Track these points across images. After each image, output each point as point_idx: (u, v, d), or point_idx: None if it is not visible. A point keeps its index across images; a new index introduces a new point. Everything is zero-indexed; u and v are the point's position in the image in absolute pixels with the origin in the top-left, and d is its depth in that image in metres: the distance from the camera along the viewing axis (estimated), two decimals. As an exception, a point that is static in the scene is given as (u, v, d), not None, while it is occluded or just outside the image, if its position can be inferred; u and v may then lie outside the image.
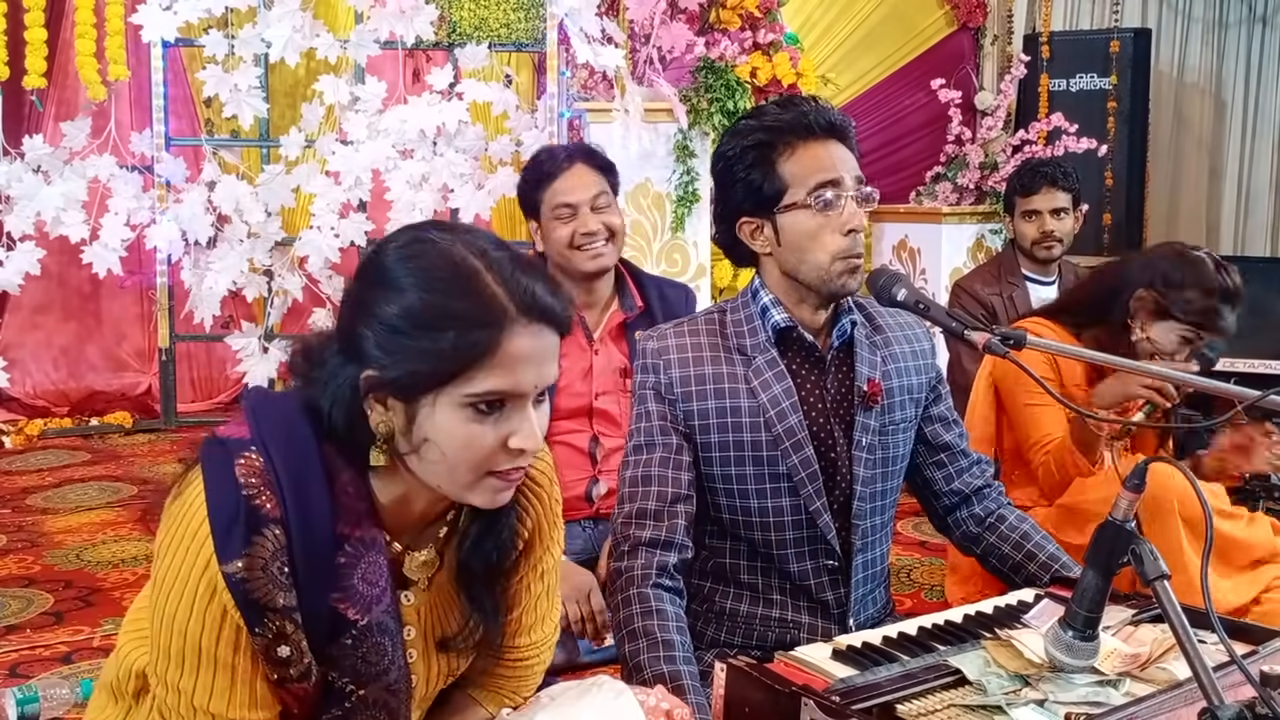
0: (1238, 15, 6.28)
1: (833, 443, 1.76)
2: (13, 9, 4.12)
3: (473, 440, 1.13)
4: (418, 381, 1.11)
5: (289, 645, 1.14)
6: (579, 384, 2.54)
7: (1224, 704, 1.04)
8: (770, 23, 4.56)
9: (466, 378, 1.10)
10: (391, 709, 1.25)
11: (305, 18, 3.99)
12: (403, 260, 1.14)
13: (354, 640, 1.19)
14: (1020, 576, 1.82)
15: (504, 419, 1.13)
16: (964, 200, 5.27)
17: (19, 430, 4.79)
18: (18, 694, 2.12)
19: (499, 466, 1.15)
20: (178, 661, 1.14)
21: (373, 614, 1.20)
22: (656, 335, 1.80)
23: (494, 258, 1.14)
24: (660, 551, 1.70)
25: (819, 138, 1.70)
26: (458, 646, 1.32)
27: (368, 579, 1.19)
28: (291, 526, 1.12)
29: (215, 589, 1.10)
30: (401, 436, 1.15)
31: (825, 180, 1.68)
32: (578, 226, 2.47)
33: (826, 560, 1.76)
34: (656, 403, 1.76)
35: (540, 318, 1.14)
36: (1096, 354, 1.88)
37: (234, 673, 1.14)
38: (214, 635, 1.12)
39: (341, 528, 1.16)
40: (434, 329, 1.10)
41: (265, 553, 1.11)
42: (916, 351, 1.86)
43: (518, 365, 1.12)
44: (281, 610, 1.13)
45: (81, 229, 4.09)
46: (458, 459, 1.14)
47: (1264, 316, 4.56)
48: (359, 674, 1.20)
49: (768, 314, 1.77)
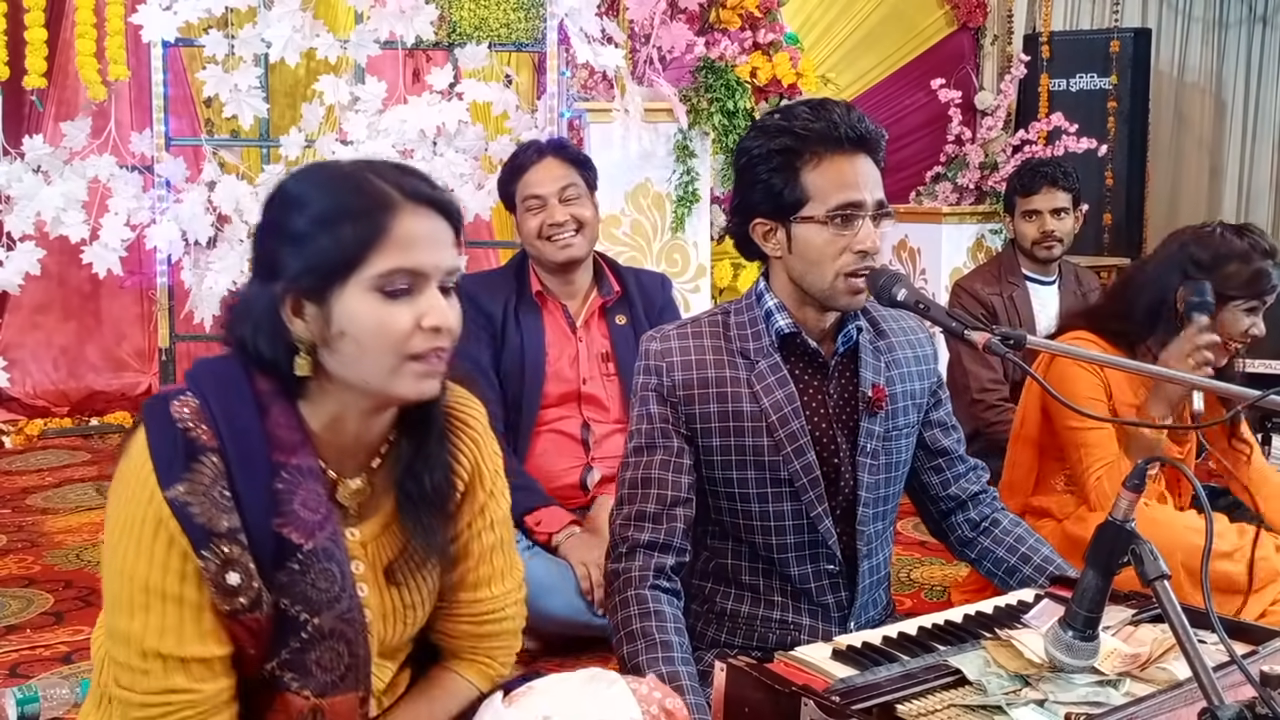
0: (1238, 15, 6.28)
1: (835, 448, 1.75)
2: (13, 9, 4.11)
3: (385, 322, 1.21)
4: (325, 275, 1.21)
5: (237, 571, 1.20)
6: (567, 370, 2.63)
7: (1224, 704, 1.04)
8: (770, 23, 4.55)
9: (367, 262, 1.20)
10: (349, 640, 1.28)
11: (305, 18, 3.99)
12: (299, 180, 1.27)
13: (301, 565, 1.24)
14: (1015, 580, 1.83)
15: (413, 301, 1.23)
16: (964, 200, 5.27)
17: (19, 430, 4.79)
18: (18, 694, 2.12)
19: (416, 349, 1.23)
20: (127, 607, 1.20)
21: (316, 539, 1.25)
22: (660, 337, 1.79)
23: (377, 164, 1.28)
24: (658, 554, 1.70)
25: (846, 151, 1.67)
26: (403, 575, 1.35)
27: (307, 505, 1.25)
28: (228, 454, 1.20)
29: (161, 519, 1.18)
30: (322, 342, 1.23)
31: (846, 202, 1.66)
32: (546, 218, 2.57)
33: (827, 565, 1.76)
34: (658, 405, 1.75)
35: (425, 202, 1.25)
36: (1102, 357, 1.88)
37: (182, 606, 1.19)
38: (161, 569, 1.18)
39: (276, 455, 1.23)
40: (333, 224, 1.21)
41: (205, 478, 1.19)
42: (919, 357, 1.86)
43: (412, 244, 1.22)
44: (226, 534, 1.19)
45: (81, 229, 4.08)
46: (374, 344, 1.21)
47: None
48: (311, 601, 1.25)
49: (772, 318, 1.76)
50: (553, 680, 1.34)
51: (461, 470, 1.41)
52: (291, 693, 1.27)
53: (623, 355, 2.63)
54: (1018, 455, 2.47)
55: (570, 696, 1.30)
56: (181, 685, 1.21)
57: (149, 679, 1.20)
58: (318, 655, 1.26)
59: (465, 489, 1.42)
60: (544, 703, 1.29)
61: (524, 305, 2.64)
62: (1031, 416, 2.45)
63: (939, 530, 1.94)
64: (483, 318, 2.59)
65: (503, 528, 1.47)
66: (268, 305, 1.23)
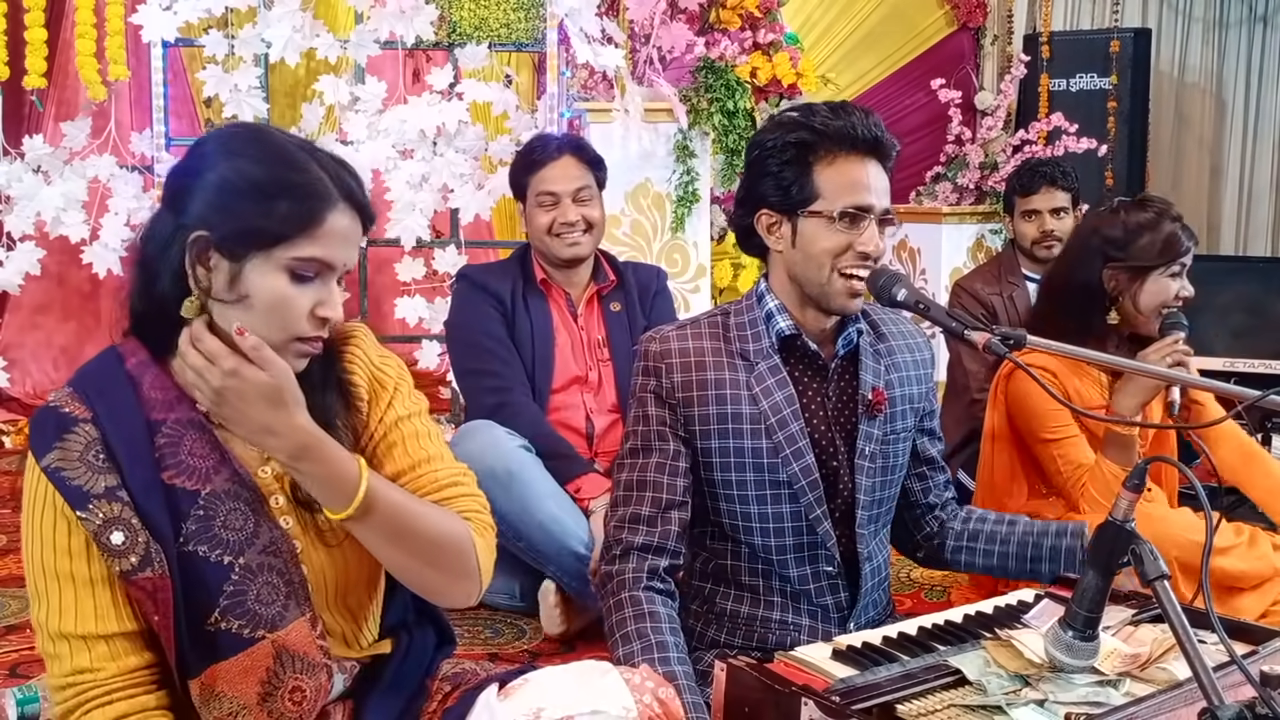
0: (1238, 15, 6.28)
1: (834, 451, 1.75)
2: (13, 9, 4.11)
3: (288, 301, 1.27)
4: (249, 240, 1.26)
5: (120, 529, 1.25)
6: (571, 355, 2.72)
7: (1224, 704, 1.04)
8: (770, 23, 4.55)
9: (292, 243, 1.27)
10: (280, 570, 1.31)
11: (305, 18, 3.99)
12: (238, 137, 1.32)
13: (204, 510, 1.29)
14: (1008, 549, 1.86)
15: (314, 289, 1.29)
16: (964, 200, 5.27)
17: (19, 430, 4.79)
18: (18, 694, 2.12)
19: (305, 333, 1.30)
20: (35, 595, 1.27)
21: (214, 483, 1.30)
22: (659, 338, 1.78)
23: (320, 153, 1.33)
24: (652, 556, 1.70)
25: (860, 153, 1.68)
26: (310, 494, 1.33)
27: (195, 453, 1.30)
28: (101, 421, 1.27)
29: (45, 490, 1.25)
30: (221, 293, 1.27)
31: (856, 204, 1.67)
32: (558, 215, 2.65)
33: (826, 566, 1.76)
34: (656, 407, 1.75)
35: (354, 204, 1.32)
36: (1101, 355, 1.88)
37: (75, 582, 1.25)
38: (53, 548, 1.25)
39: (154, 415, 1.29)
40: (270, 196, 1.26)
41: (78, 445, 1.26)
42: (918, 361, 1.86)
43: (334, 240, 1.29)
44: (104, 493, 1.25)
45: (81, 229, 4.08)
46: (270, 318, 1.27)
47: (1264, 316, 4.56)
48: (227, 543, 1.30)
49: (772, 320, 1.75)
50: (547, 672, 1.35)
51: (358, 380, 1.43)
52: (246, 641, 1.29)
53: (617, 341, 2.72)
54: (994, 457, 2.48)
55: (564, 687, 1.30)
56: (84, 665, 1.25)
57: (60, 662, 1.26)
58: (255, 592, 1.30)
59: (369, 395, 1.44)
60: (538, 694, 1.29)
61: (530, 291, 2.73)
62: (1001, 419, 2.46)
63: (906, 535, 1.97)
64: (493, 299, 2.66)
65: (420, 421, 1.46)
66: (175, 242, 1.27)
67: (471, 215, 4.13)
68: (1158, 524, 2.17)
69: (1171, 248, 2.28)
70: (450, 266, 4.19)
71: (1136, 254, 2.29)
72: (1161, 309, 2.29)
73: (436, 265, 4.22)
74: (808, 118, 1.70)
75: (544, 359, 2.66)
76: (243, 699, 1.30)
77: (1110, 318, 2.34)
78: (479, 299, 2.72)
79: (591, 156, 2.75)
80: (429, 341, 4.22)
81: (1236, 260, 5.88)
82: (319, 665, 1.34)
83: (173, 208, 1.30)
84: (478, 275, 2.81)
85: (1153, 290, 2.29)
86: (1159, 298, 2.29)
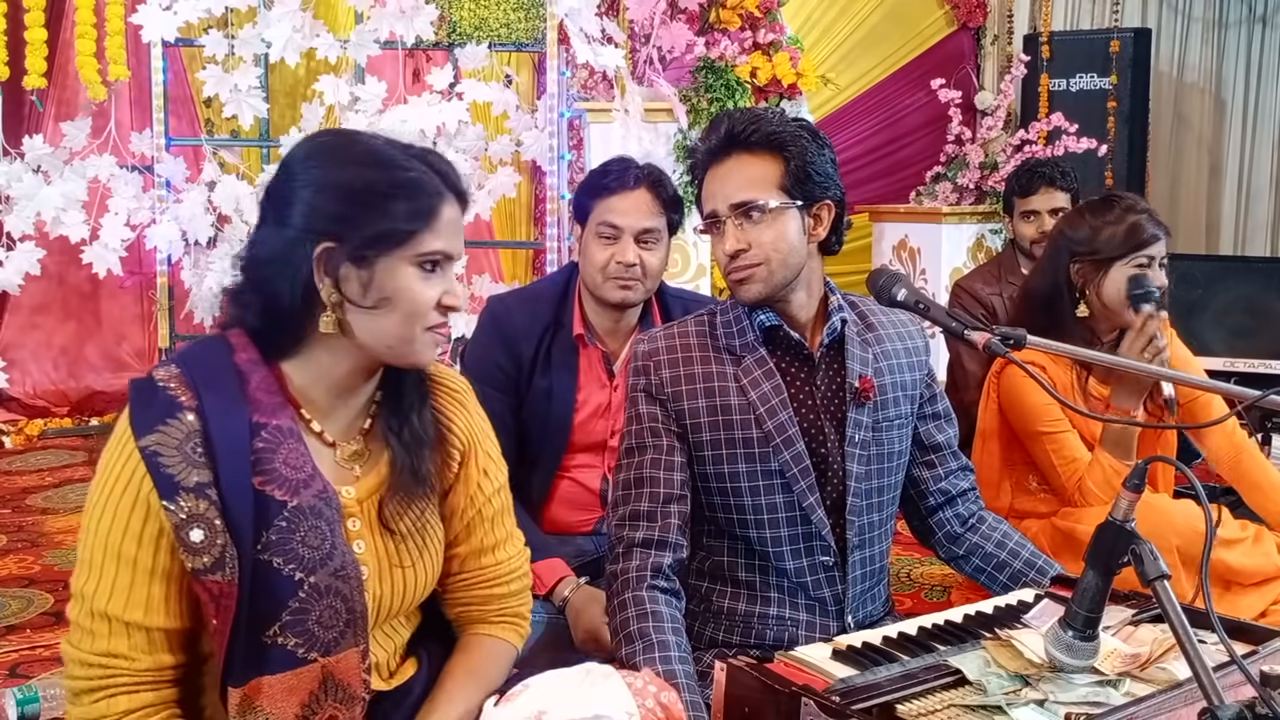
0: (1238, 15, 6.28)
1: (823, 439, 1.76)
2: (13, 9, 4.11)
3: (421, 295, 1.32)
4: (379, 244, 1.29)
5: (201, 527, 1.22)
6: (595, 423, 2.38)
7: (1224, 704, 1.04)
8: (770, 23, 4.55)
9: (417, 239, 1.30)
10: (345, 596, 1.31)
11: (305, 18, 3.99)
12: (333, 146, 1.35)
13: (289, 522, 1.27)
14: (1004, 575, 1.85)
15: (440, 280, 1.34)
16: (964, 200, 5.27)
17: (19, 430, 4.79)
18: (18, 694, 2.12)
19: (433, 322, 1.34)
20: (87, 565, 1.24)
21: (302, 497, 1.29)
22: (648, 338, 1.83)
23: (412, 148, 1.35)
24: (655, 552, 1.70)
25: (718, 159, 1.77)
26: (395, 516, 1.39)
27: (290, 463, 1.29)
28: (205, 413, 1.25)
29: (134, 470, 1.22)
30: (357, 300, 1.30)
31: (706, 214, 1.78)
32: (616, 253, 2.27)
33: (822, 557, 1.76)
34: (647, 405, 1.78)
35: (458, 193, 1.36)
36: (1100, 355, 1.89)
37: (135, 569, 1.23)
38: (122, 529, 1.23)
39: (257, 417, 1.28)
40: (387, 197, 1.29)
41: (179, 433, 1.24)
42: (910, 349, 1.87)
43: (450, 230, 1.34)
44: (195, 488, 1.22)
45: (81, 229, 4.08)
46: (407, 313, 1.31)
47: (1264, 316, 4.56)
48: (302, 559, 1.28)
49: (755, 313, 1.78)
50: (547, 676, 1.34)
51: (457, 432, 1.48)
52: (298, 660, 1.29)
53: None
54: (983, 454, 2.49)
55: (565, 691, 1.30)
56: (121, 651, 1.23)
57: (94, 640, 1.23)
58: (317, 614, 1.29)
59: (463, 455, 1.48)
60: (539, 698, 1.29)
61: (559, 346, 2.36)
62: (992, 417, 2.47)
63: (924, 527, 1.95)
64: (508, 356, 2.35)
65: (501, 497, 1.54)
66: (297, 258, 1.28)
67: (471, 215, 4.13)
68: (1159, 513, 2.17)
69: (1133, 237, 2.29)
70: (450, 266, 4.18)
71: (1099, 246, 2.31)
72: (1128, 298, 2.30)
73: (436, 265, 4.22)
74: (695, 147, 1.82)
75: (560, 424, 2.34)
76: (279, 716, 1.28)
77: (1079, 310, 2.36)
78: (491, 358, 2.36)
79: (670, 195, 2.34)
80: (429, 341, 4.21)
81: (1236, 260, 5.89)
82: (357, 699, 1.34)
83: (281, 223, 1.30)
84: (504, 317, 2.40)
85: (1114, 282, 2.31)
86: (1121, 290, 2.31)
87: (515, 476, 2.34)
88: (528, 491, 2.37)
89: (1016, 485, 2.49)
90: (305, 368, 1.34)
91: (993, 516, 1.93)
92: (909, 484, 1.91)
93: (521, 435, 2.36)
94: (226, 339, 1.32)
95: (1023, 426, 2.39)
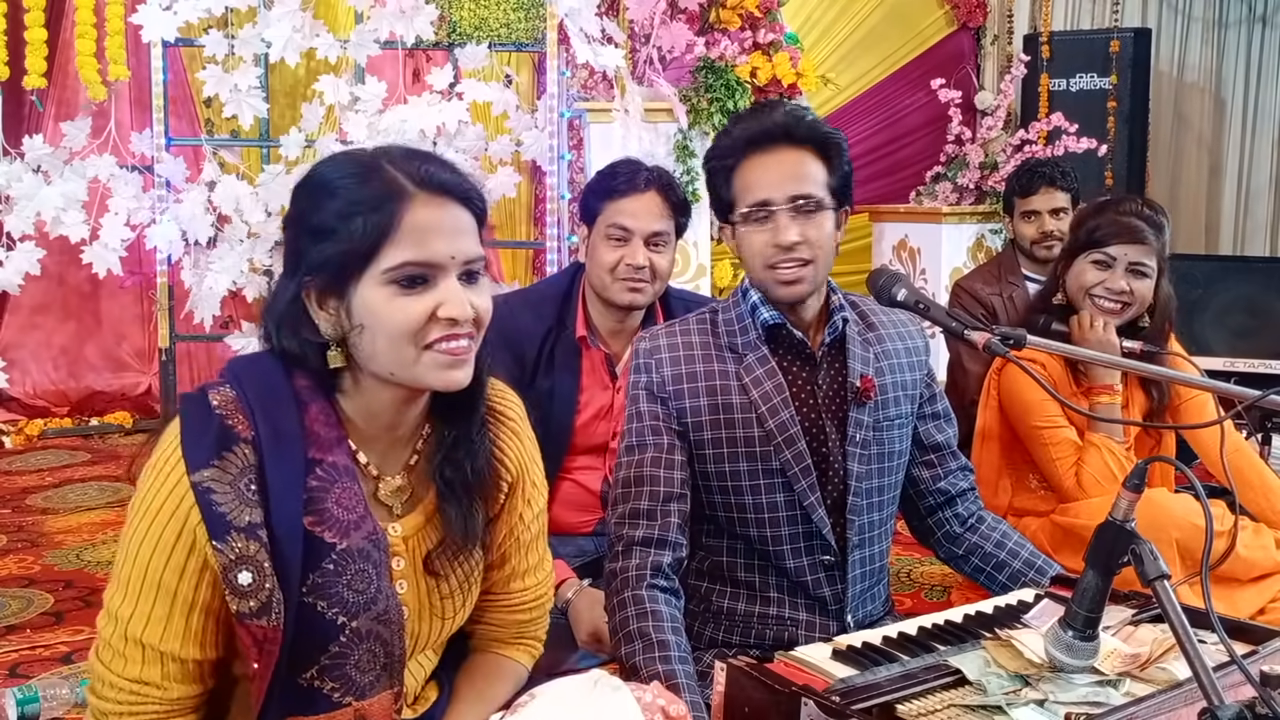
0: (1238, 15, 6.28)
1: (825, 438, 1.76)
2: (13, 9, 4.12)
3: (399, 314, 1.20)
4: (340, 269, 1.20)
5: (250, 569, 1.16)
6: (597, 425, 2.39)
7: (1224, 704, 1.04)
8: (770, 23, 4.56)
9: (380, 255, 1.20)
10: (385, 640, 1.28)
11: (305, 18, 3.99)
12: (319, 171, 1.26)
13: (336, 565, 1.22)
14: (1003, 575, 1.85)
15: (429, 293, 1.22)
16: (964, 200, 5.27)
17: (19, 430, 4.79)
18: (18, 694, 2.12)
19: (432, 337, 1.22)
20: (124, 588, 1.19)
21: (351, 539, 1.24)
22: (649, 336, 1.82)
23: (392, 151, 1.25)
24: (654, 550, 1.70)
25: (765, 149, 1.73)
26: (442, 565, 1.35)
27: (342, 504, 1.24)
28: (263, 447, 1.18)
29: (182, 502, 1.16)
30: (350, 335, 1.22)
31: (754, 201, 1.73)
32: (626, 255, 2.28)
33: (823, 556, 1.76)
34: (649, 403, 1.77)
35: (438, 190, 1.23)
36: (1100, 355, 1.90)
37: (174, 601, 1.18)
38: (164, 558, 1.17)
39: (313, 453, 1.22)
40: (348, 218, 1.20)
41: (234, 468, 1.17)
42: (910, 348, 1.87)
43: (425, 236, 1.20)
44: (246, 528, 1.16)
45: (81, 229, 4.09)
46: (393, 335, 1.21)
47: (1264, 316, 4.56)
48: (347, 603, 1.23)
49: (757, 311, 1.78)
50: (555, 686, 1.33)
51: (508, 464, 1.42)
52: (332, 704, 1.25)
53: None
54: (983, 454, 2.51)
55: (572, 703, 1.29)
56: (154, 680, 1.19)
57: (127, 665, 1.19)
58: (356, 658, 1.25)
59: (511, 486, 1.43)
60: (546, 710, 1.28)
61: (562, 347, 2.36)
62: (993, 416, 2.50)
63: (923, 527, 1.95)
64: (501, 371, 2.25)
65: (538, 522, 1.51)
66: (291, 298, 1.23)
67: (473, 214, 4.13)
68: (1158, 507, 2.17)
69: (1093, 234, 2.36)
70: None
71: (1076, 237, 2.42)
72: (1085, 295, 2.37)
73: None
74: (730, 126, 1.78)
75: (561, 426, 2.34)
76: None
77: (1056, 298, 2.44)
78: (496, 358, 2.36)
79: (679, 199, 2.36)
80: (429, 341, 4.21)
81: (1236, 260, 5.89)
82: None
83: (286, 269, 1.27)
84: (507, 318, 2.34)
85: (1075, 273, 2.39)
86: (1077, 280, 2.38)
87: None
88: None
89: (1017, 484, 2.51)
90: (350, 400, 1.28)
91: (992, 516, 1.93)
92: (908, 484, 1.91)
93: None
94: (283, 360, 1.26)
95: (1022, 422, 2.42)
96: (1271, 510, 2.37)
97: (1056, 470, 2.36)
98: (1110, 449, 2.32)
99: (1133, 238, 2.32)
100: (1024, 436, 2.43)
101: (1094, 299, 2.35)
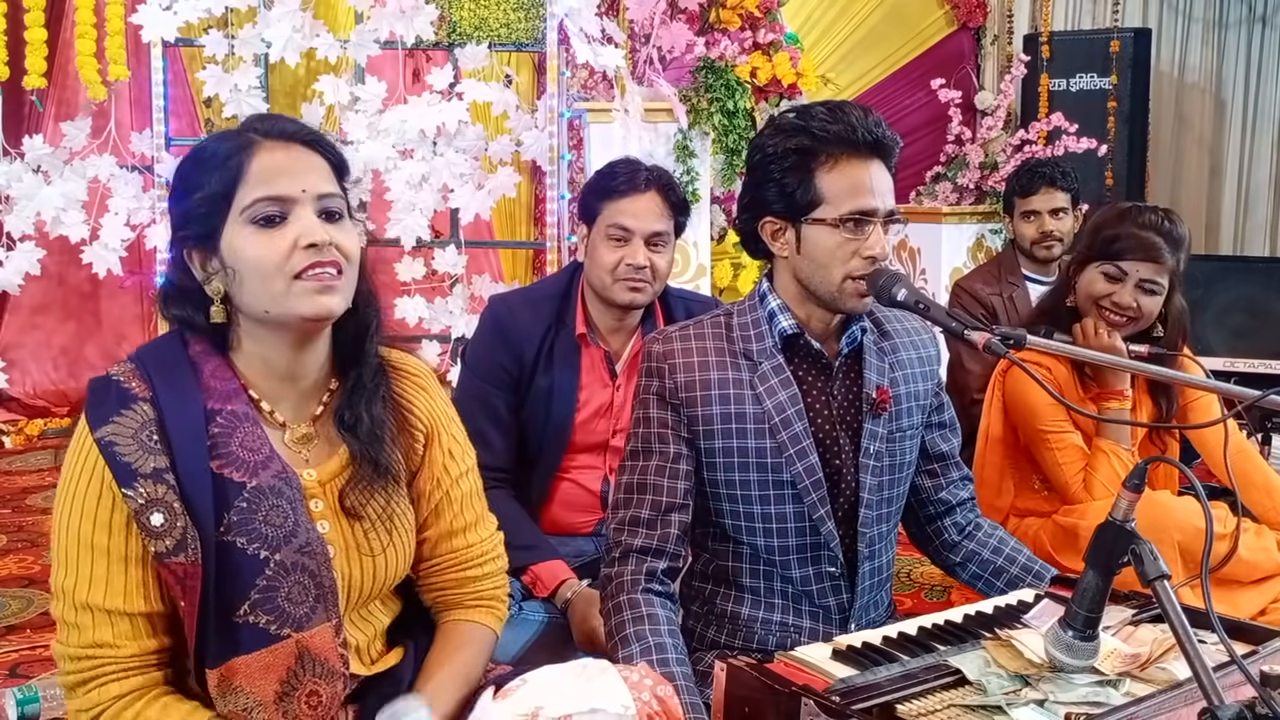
0: (1238, 15, 6.28)
1: (838, 450, 1.75)
2: (13, 9, 4.11)
3: (264, 249, 1.31)
4: (206, 219, 1.32)
5: (161, 511, 1.26)
6: (597, 422, 2.38)
7: (1224, 704, 1.04)
8: (770, 23, 4.56)
9: (235, 199, 1.31)
10: (312, 572, 1.34)
11: (305, 18, 3.98)
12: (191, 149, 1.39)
13: (249, 503, 1.31)
14: (1001, 581, 1.84)
15: (288, 227, 1.32)
16: (964, 200, 5.27)
17: (19, 430, 4.79)
18: (18, 694, 2.12)
19: (299, 267, 1.31)
20: (63, 562, 1.28)
21: (261, 478, 1.33)
22: (662, 338, 1.78)
23: (251, 117, 1.39)
24: (651, 558, 1.69)
25: (862, 155, 1.66)
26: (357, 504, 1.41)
27: (247, 446, 1.33)
28: (160, 402, 1.30)
29: (91, 460, 1.27)
30: (230, 287, 1.33)
31: (860, 209, 1.65)
32: (626, 256, 2.28)
33: (829, 567, 1.75)
34: (659, 408, 1.74)
35: (281, 136, 1.35)
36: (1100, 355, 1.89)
37: (109, 558, 1.27)
38: (92, 520, 1.27)
39: (212, 404, 1.33)
40: (207, 172, 1.33)
41: (133, 423, 1.28)
42: (923, 358, 1.85)
43: (273, 175, 1.32)
44: (152, 474, 1.27)
45: (81, 229, 4.08)
46: (261, 271, 1.31)
47: (1264, 316, 4.56)
48: (266, 538, 1.31)
49: (775, 319, 1.75)
50: (544, 672, 1.34)
51: (418, 413, 1.50)
52: (271, 637, 1.31)
53: None
54: (986, 456, 2.50)
55: (562, 686, 1.30)
56: (106, 640, 1.27)
57: (80, 633, 1.27)
58: (286, 590, 1.32)
59: (426, 437, 1.51)
60: (536, 693, 1.29)
61: (561, 345, 2.36)
62: (997, 418, 2.49)
63: (921, 534, 1.95)
64: (511, 357, 2.35)
65: (473, 477, 1.57)
66: (175, 264, 1.37)
67: (471, 215, 4.13)
68: (1160, 509, 2.17)
69: (1110, 245, 2.33)
70: (450, 266, 4.19)
71: (1089, 242, 2.39)
72: (1093, 303, 2.35)
73: (436, 265, 4.22)
74: (806, 122, 1.67)
75: (560, 424, 2.33)
76: (259, 695, 1.31)
77: (1068, 300, 2.43)
78: (493, 358, 2.36)
79: (679, 199, 2.36)
80: (429, 341, 4.22)
81: (1236, 260, 5.89)
82: (337, 673, 1.36)
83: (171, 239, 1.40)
84: (506, 317, 2.39)
85: (1085, 280, 2.38)
86: (1087, 289, 2.37)
87: (515, 477, 2.37)
88: (527, 492, 2.37)
89: (1020, 485, 2.50)
90: (242, 357, 1.38)
91: (989, 523, 1.92)
92: (910, 492, 1.90)
93: (522, 435, 2.37)
94: (181, 334, 1.38)
95: (1028, 426, 2.41)
96: (1275, 510, 2.37)
97: (1062, 474, 2.36)
98: (1119, 455, 2.31)
99: (1147, 255, 2.30)
100: (1029, 440, 2.42)
101: (1101, 309, 2.35)
